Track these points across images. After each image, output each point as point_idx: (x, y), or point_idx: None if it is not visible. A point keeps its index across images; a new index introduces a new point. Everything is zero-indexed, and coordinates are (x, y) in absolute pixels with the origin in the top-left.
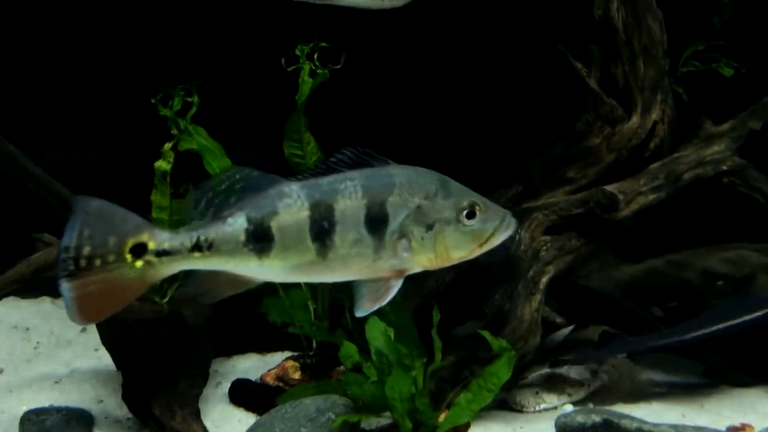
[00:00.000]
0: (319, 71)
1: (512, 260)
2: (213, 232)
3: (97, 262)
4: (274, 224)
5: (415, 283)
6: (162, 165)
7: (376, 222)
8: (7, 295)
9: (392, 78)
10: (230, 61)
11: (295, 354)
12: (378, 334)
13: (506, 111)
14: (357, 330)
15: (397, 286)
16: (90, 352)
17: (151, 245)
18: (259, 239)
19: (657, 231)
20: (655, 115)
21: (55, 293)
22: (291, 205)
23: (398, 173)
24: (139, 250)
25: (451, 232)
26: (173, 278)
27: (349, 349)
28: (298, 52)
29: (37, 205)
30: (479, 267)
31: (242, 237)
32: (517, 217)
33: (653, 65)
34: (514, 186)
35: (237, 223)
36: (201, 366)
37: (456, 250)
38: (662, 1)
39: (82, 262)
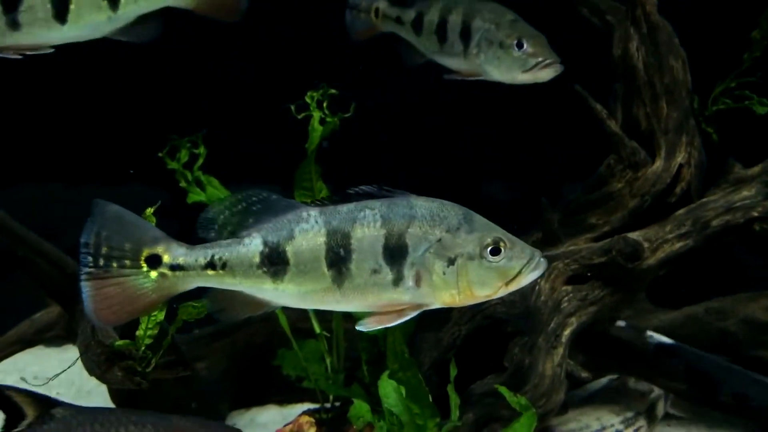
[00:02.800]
0: (328, 119)
1: (532, 312)
2: (228, 251)
3: (114, 264)
4: (289, 248)
5: (431, 336)
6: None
7: (394, 253)
8: (7, 356)
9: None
10: (240, 110)
11: (312, 408)
12: (390, 392)
13: (526, 152)
14: (373, 384)
15: (409, 316)
16: (108, 404)
17: (166, 258)
18: (274, 262)
19: (696, 275)
20: (680, 158)
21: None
22: (308, 230)
23: (419, 204)
24: (154, 261)
25: (474, 268)
26: (158, 347)
27: (359, 409)
28: (308, 99)
29: (27, 269)
30: (498, 319)
31: (257, 259)
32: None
33: (677, 106)
34: (533, 232)
35: (252, 245)
36: None
37: (480, 287)
38: (688, 39)
39: (101, 261)
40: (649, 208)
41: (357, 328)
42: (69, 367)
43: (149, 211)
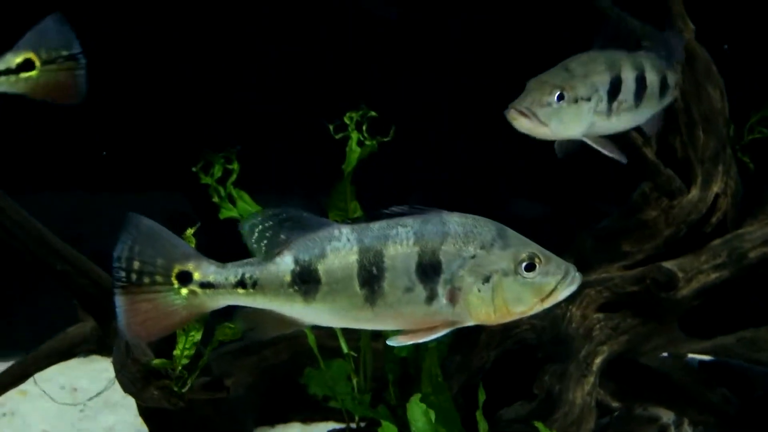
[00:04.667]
0: (367, 142)
1: (563, 338)
2: (259, 270)
3: (146, 279)
4: (321, 267)
5: (460, 359)
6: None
7: (428, 270)
8: (42, 369)
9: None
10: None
11: (337, 428)
12: (419, 416)
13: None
14: (400, 406)
15: (441, 333)
16: (133, 417)
17: (196, 275)
18: (306, 281)
19: (728, 304)
20: (716, 188)
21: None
22: (340, 248)
23: (453, 221)
24: (185, 277)
25: (509, 284)
26: (194, 367)
27: (387, 431)
28: (346, 120)
29: (63, 283)
30: (527, 345)
31: (288, 278)
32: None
33: (714, 135)
34: (565, 257)
35: (284, 263)
36: None
37: (515, 304)
38: (724, 67)
39: (133, 276)
40: (684, 238)
41: (387, 342)
42: (106, 389)
43: (189, 231)
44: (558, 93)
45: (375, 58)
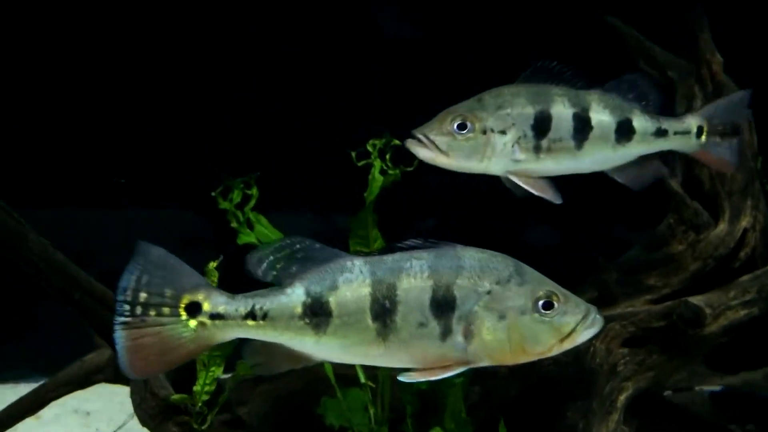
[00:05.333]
0: (390, 171)
1: (586, 374)
2: (269, 301)
3: (152, 312)
4: (332, 299)
5: (480, 394)
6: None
7: (442, 306)
8: (58, 397)
9: None
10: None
11: None
12: None
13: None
14: None
15: (455, 371)
16: None
17: (206, 306)
18: (317, 313)
19: (755, 339)
20: (745, 222)
21: None
22: (352, 280)
23: (468, 255)
24: (194, 308)
25: (526, 323)
26: (214, 403)
27: None
28: (369, 148)
29: (80, 310)
30: (549, 380)
31: (299, 309)
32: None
33: (742, 168)
34: (588, 290)
35: (294, 295)
36: None
37: (532, 344)
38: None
39: (138, 309)
40: (711, 272)
41: (399, 378)
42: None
43: (212, 265)
44: (459, 122)
45: (394, 80)
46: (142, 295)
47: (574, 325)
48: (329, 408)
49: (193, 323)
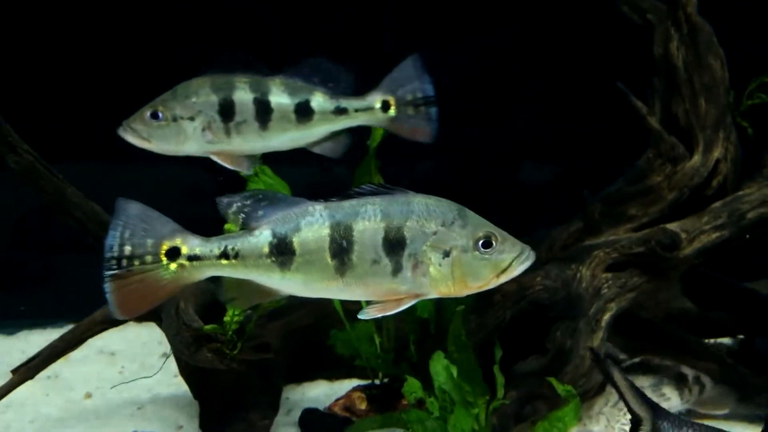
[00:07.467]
0: None
1: (573, 298)
2: (240, 242)
3: (137, 262)
4: (296, 239)
5: (477, 319)
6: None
7: (393, 245)
8: (95, 334)
9: None
10: None
11: (362, 384)
12: (441, 370)
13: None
14: (420, 363)
15: (407, 305)
16: (170, 378)
17: (184, 249)
18: (282, 252)
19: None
20: (717, 154)
21: None
22: (313, 222)
23: (417, 201)
24: (173, 253)
25: (468, 260)
26: (243, 332)
27: (412, 385)
28: None
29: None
30: (540, 304)
31: (266, 249)
32: (579, 254)
33: (715, 103)
34: (575, 222)
35: (262, 236)
36: (272, 397)
37: (473, 278)
38: (724, 34)
39: (124, 262)
40: (686, 201)
41: (359, 316)
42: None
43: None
44: (151, 112)
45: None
46: (127, 249)
47: (510, 261)
48: (339, 339)
49: (173, 266)
